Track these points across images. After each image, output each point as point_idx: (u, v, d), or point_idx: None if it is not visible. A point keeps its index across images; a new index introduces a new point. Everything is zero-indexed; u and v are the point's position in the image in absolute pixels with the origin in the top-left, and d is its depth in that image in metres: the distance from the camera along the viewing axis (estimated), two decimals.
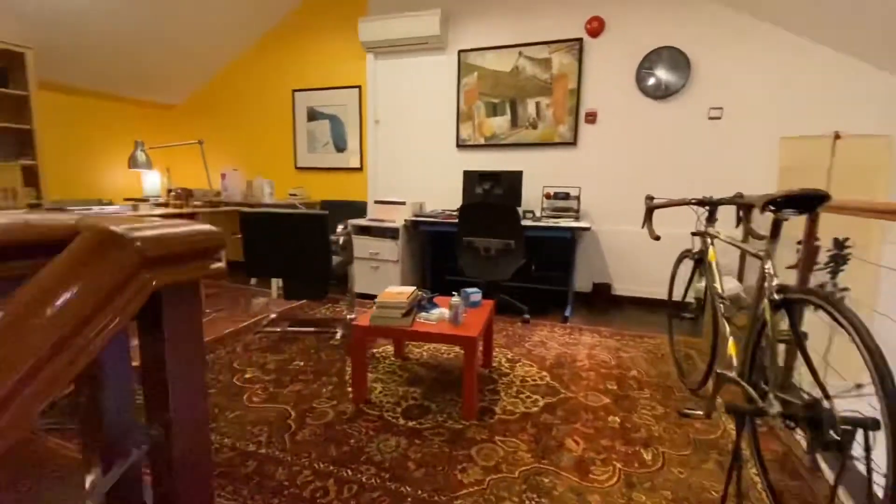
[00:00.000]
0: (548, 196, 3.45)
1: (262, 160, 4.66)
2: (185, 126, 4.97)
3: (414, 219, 3.40)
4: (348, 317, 3.06)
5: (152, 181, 4.64)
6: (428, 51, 3.83)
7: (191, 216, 3.00)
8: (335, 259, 2.79)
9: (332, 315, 3.11)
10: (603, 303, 3.49)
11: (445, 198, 3.93)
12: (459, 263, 3.07)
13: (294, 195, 4.24)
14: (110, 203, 4.26)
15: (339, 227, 3.64)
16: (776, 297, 1.19)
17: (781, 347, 1.35)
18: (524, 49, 3.53)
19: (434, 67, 3.83)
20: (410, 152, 4.03)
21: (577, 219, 3.27)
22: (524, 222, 3.09)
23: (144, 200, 4.24)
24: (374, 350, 2.45)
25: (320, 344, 2.55)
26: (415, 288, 1.96)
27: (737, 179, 3.12)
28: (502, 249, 2.92)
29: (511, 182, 3.47)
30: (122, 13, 3.48)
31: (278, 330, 2.76)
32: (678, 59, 3.15)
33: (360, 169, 4.22)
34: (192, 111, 4.90)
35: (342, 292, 3.58)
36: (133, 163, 2.97)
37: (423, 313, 1.91)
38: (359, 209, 4.06)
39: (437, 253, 3.80)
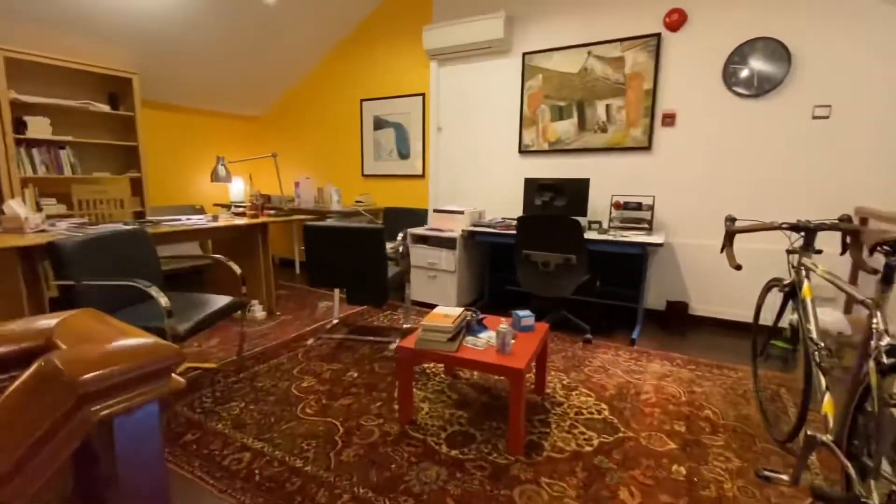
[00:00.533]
0: (617, 206, 3.21)
1: (332, 168, 4.87)
2: (267, 135, 5.34)
3: (472, 229, 3.34)
4: (404, 325, 3.09)
5: (237, 188, 5.06)
6: (491, 55, 3.73)
7: (264, 226, 3.20)
8: (393, 270, 2.83)
9: (390, 323, 3.15)
10: (677, 323, 3.18)
11: (506, 206, 3.83)
12: (517, 277, 2.96)
13: (360, 202, 4.38)
14: (201, 209, 4.71)
15: (399, 236, 3.70)
16: (886, 360, 0.97)
17: (893, 414, 1.10)
18: (593, 48, 3.31)
19: (497, 72, 3.73)
20: (471, 159, 3.97)
21: (649, 231, 3.01)
22: (589, 235, 2.91)
23: (228, 207, 4.63)
24: (425, 366, 2.44)
25: (374, 355, 2.59)
26: (463, 310, 1.91)
27: (847, 195, 2.67)
28: (563, 264, 2.76)
29: (576, 190, 3.28)
30: (212, 37, 3.80)
31: (337, 337, 2.86)
32: (776, 51, 2.76)
33: (423, 176, 4.24)
34: (273, 121, 5.26)
35: (401, 299, 3.64)
36: (215, 177, 3.24)
37: (471, 337, 1.85)
38: (420, 217, 4.09)
39: (496, 263, 3.72)
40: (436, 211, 3.57)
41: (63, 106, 3.42)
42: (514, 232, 3.00)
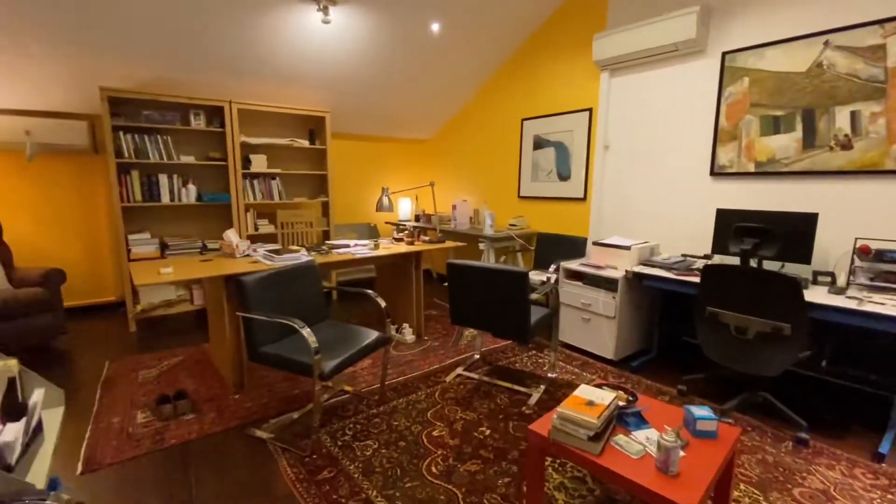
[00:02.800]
0: (865, 252, 2.29)
1: (489, 189, 4.82)
2: (433, 157, 5.62)
3: (640, 269, 2.81)
4: (548, 374, 2.78)
5: (405, 207, 5.45)
6: (677, 59, 3.11)
7: (418, 253, 3.30)
8: (541, 311, 2.57)
9: (533, 368, 2.89)
10: None
11: (688, 241, 3.15)
12: (698, 338, 2.36)
13: (513, 226, 4.21)
14: (374, 227, 5.19)
15: (551, 268, 3.39)
16: None
17: None
18: (833, 36, 2.43)
19: (684, 78, 3.09)
20: (644, 182, 3.39)
21: None
22: (815, 294, 2.13)
23: (396, 225, 5.00)
24: None
25: (511, 408, 2.37)
26: (615, 396, 1.54)
27: None
28: (768, 333, 2.08)
29: (795, 228, 2.45)
30: (387, 71, 4.13)
31: (475, 378, 2.73)
32: None
33: (584, 199, 3.83)
34: (438, 144, 5.50)
35: (549, 336, 3.33)
36: (379, 206, 3.48)
37: (622, 437, 1.48)
38: (577, 247, 3.69)
39: (670, 307, 3.09)
40: (596, 244, 3.15)
41: (275, 144, 4.15)
42: (696, 280, 2.41)
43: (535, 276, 3.62)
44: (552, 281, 3.31)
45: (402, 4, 3.37)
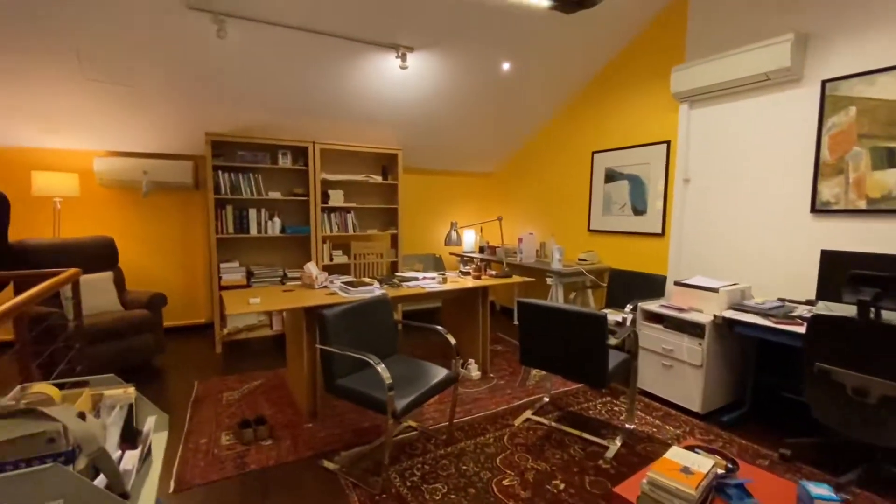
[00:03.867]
0: None
1: (557, 222, 4.73)
2: (498, 189, 5.66)
3: (730, 315, 2.58)
4: (626, 425, 2.59)
5: (469, 239, 5.48)
6: (768, 89, 2.92)
7: (485, 289, 3.28)
8: (616, 356, 2.43)
9: (609, 416, 2.71)
10: None
11: (786, 284, 2.85)
12: (805, 396, 2.09)
13: (583, 260, 4.07)
14: (439, 258, 5.26)
15: (627, 308, 3.22)
16: None
17: None
18: None
19: (777, 108, 2.88)
20: (731, 218, 3.15)
21: None
22: None
23: (461, 257, 5.04)
24: None
25: (587, 460, 2.23)
26: (714, 463, 1.39)
27: None
28: (895, 398, 1.79)
29: None
30: (457, 107, 4.26)
31: (546, 424, 2.61)
32: None
33: (662, 235, 3.62)
34: (505, 176, 5.53)
35: (625, 381, 3.12)
36: (448, 240, 3.53)
37: None
38: (655, 285, 3.48)
39: (766, 358, 2.79)
40: (678, 284, 2.95)
41: (351, 180, 4.40)
42: (801, 331, 2.16)
43: (610, 316, 3.45)
44: (628, 322, 3.13)
45: (474, 48, 3.50)
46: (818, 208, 2.70)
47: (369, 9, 2.97)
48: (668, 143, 3.54)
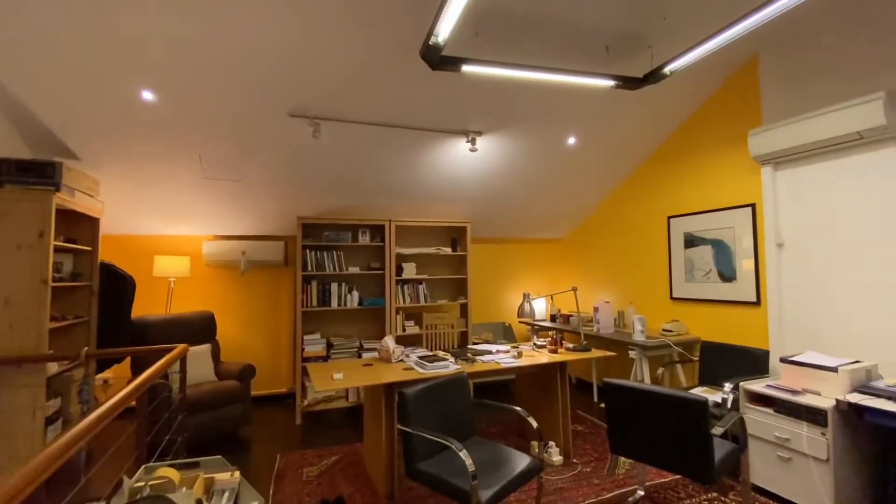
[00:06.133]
0: None
1: (634, 290, 4.53)
2: (568, 255, 5.59)
3: (855, 400, 2.24)
4: None
5: (540, 307, 5.38)
6: (862, 148, 2.73)
7: (562, 364, 3.15)
8: (723, 445, 2.18)
9: None
10: None
11: None
12: None
13: (667, 331, 3.81)
14: (509, 326, 5.18)
15: (727, 387, 2.93)
16: None
17: None
18: None
19: (875, 167, 2.66)
20: (838, 285, 2.84)
21: None
22: None
23: (531, 325, 4.93)
24: None
25: None
26: None
27: None
28: None
29: None
30: (523, 181, 4.41)
31: None
32: None
33: (758, 303, 3.33)
34: (573, 242, 5.48)
35: (735, 475, 2.75)
36: (521, 312, 3.50)
37: None
38: (756, 361, 3.14)
39: None
40: (784, 360, 2.64)
41: (423, 253, 4.60)
42: None
43: (707, 395, 3.14)
44: (730, 403, 2.82)
45: (540, 126, 3.67)
46: None
47: (441, 103, 3.28)
48: (753, 205, 3.35)
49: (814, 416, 2.34)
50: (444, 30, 2.35)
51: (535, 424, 2.28)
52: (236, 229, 4.43)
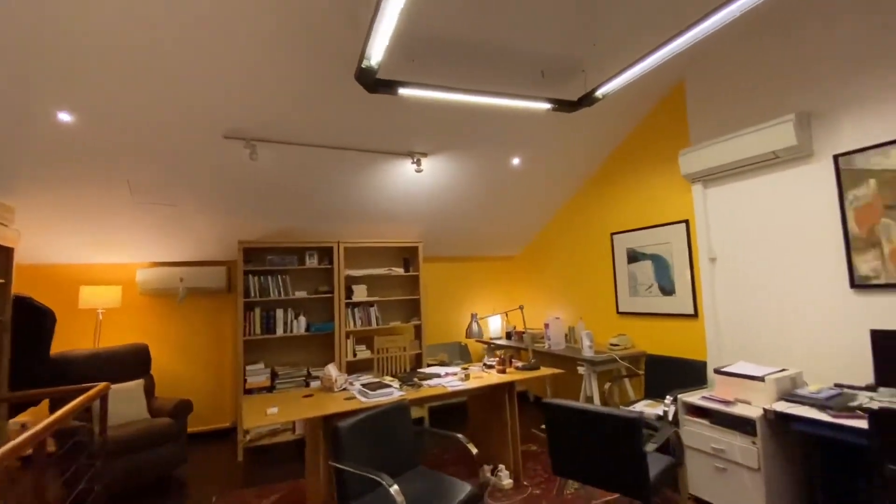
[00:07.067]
0: None
1: (584, 305, 4.61)
2: (522, 273, 5.64)
3: (782, 408, 2.33)
4: None
5: (495, 324, 5.37)
6: (780, 166, 2.91)
7: (511, 385, 3.13)
8: (661, 460, 2.20)
9: None
10: None
11: (839, 366, 2.60)
12: None
13: (615, 346, 3.87)
14: (465, 346, 5.13)
15: (667, 399, 2.98)
16: None
17: None
18: None
19: (792, 184, 2.85)
20: (767, 296, 2.98)
21: None
22: None
23: (487, 344, 4.92)
24: None
25: None
26: None
27: None
28: None
29: None
30: (473, 201, 4.43)
31: None
32: None
33: (695, 316, 3.44)
34: (527, 259, 5.54)
35: (675, 487, 2.78)
36: (469, 333, 3.47)
37: None
38: (696, 373, 3.23)
39: (839, 456, 2.44)
40: (718, 372, 2.73)
41: (374, 274, 4.51)
42: (863, 426, 1.91)
43: (649, 409, 3.19)
44: (670, 416, 2.87)
45: (484, 147, 3.73)
46: (858, 283, 2.53)
47: (384, 125, 3.26)
48: (687, 221, 3.50)
49: (744, 425, 2.40)
50: (376, 53, 2.35)
51: (474, 451, 2.23)
52: (173, 255, 4.20)
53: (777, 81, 2.92)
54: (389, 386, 2.83)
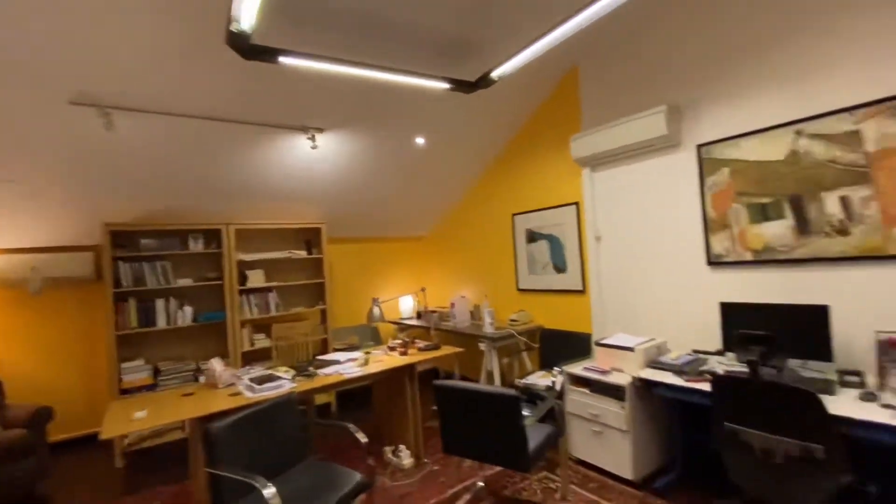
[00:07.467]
0: (892, 345, 2.06)
1: (488, 284, 4.75)
2: (432, 253, 5.66)
3: (646, 375, 2.58)
4: (560, 502, 2.46)
5: (407, 304, 5.36)
6: (654, 153, 3.16)
7: (411, 366, 3.14)
8: (544, 430, 2.34)
9: (543, 497, 2.56)
10: None
11: (697, 335, 2.94)
12: (724, 460, 2.07)
13: (514, 321, 4.05)
14: (375, 328, 5.07)
15: (555, 371, 3.18)
16: None
17: None
18: (804, 125, 2.43)
19: (665, 171, 3.11)
20: (642, 273, 3.27)
21: None
22: (844, 403, 1.89)
23: (398, 324, 4.91)
24: None
25: None
26: None
27: None
28: (799, 457, 1.80)
29: (808, 322, 2.27)
30: (379, 180, 4.30)
31: None
32: None
33: (583, 291, 3.70)
34: (438, 239, 5.56)
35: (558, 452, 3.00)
36: (371, 318, 3.40)
37: None
38: (583, 344, 3.49)
39: (692, 416, 2.79)
40: (598, 344, 2.96)
41: (272, 258, 4.23)
42: (708, 390, 2.18)
43: (541, 381, 3.39)
44: (558, 386, 3.07)
45: (386, 126, 3.59)
46: (712, 261, 2.86)
47: (271, 97, 2.99)
48: (577, 203, 3.70)
49: (617, 392, 2.64)
50: (246, 16, 2.10)
51: (363, 440, 2.20)
52: (23, 240, 3.57)
53: (656, 74, 3.12)
54: (280, 378, 2.69)
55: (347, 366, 3.01)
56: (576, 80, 3.68)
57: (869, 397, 1.93)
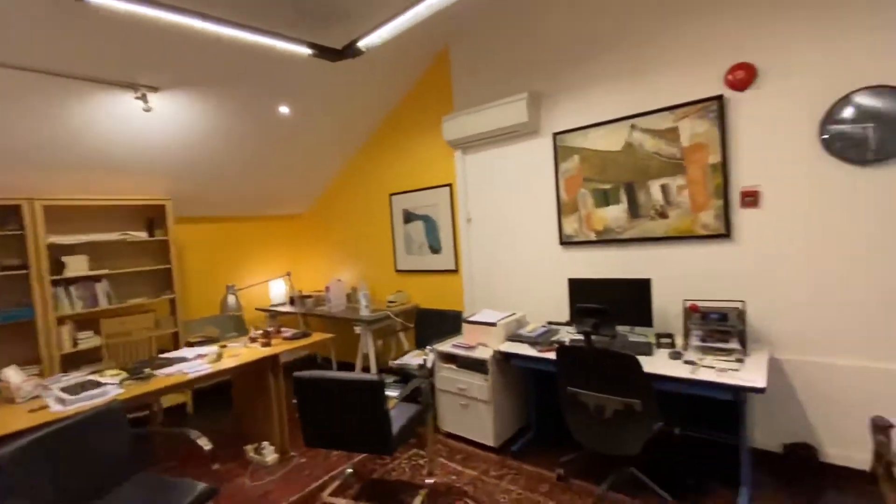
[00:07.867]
0: (693, 310, 2.47)
1: (367, 265, 4.62)
2: (310, 232, 5.29)
3: (505, 349, 2.75)
4: (427, 480, 2.51)
5: (278, 289, 4.96)
6: (518, 139, 3.31)
7: (275, 357, 2.90)
8: (409, 410, 2.34)
9: (412, 474, 2.60)
10: (803, 476, 2.27)
11: (552, 309, 3.22)
12: (566, 420, 2.29)
13: (392, 303, 4.02)
14: (240, 317, 4.61)
15: (427, 349, 3.23)
16: None
17: None
18: (637, 120, 2.75)
19: (527, 155, 3.29)
20: (507, 253, 3.46)
21: (742, 354, 2.22)
22: (657, 362, 2.21)
23: (268, 311, 4.55)
24: None
25: None
26: None
27: None
28: (622, 411, 2.07)
29: (635, 293, 2.61)
30: (238, 152, 3.82)
31: (345, 503, 2.36)
32: None
33: (456, 271, 3.80)
34: (316, 218, 5.20)
35: (435, 430, 3.08)
36: (224, 307, 3.06)
37: None
38: (455, 322, 3.59)
39: (544, 383, 3.05)
40: (465, 321, 3.06)
41: (100, 241, 3.54)
42: (553, 358, 2.38)
43: (414, 360, 3.42)
44: (429, 364, 3.12)
45: (242, 90, 3.18)
46: (564, 241, 3.13)
47: (84, 45, 2.40)
48: (450, 185, 3.75)
49: (481, 366, 2.77)
50: None
51: (206, 447, 1.97)
52: None
53: (522, 61, 3.24)
54: (103, 384, 2.27)
55: (195, 363, 2.66)
56: (447, 61, 3.67)
57: (676, 356, 2.30)
